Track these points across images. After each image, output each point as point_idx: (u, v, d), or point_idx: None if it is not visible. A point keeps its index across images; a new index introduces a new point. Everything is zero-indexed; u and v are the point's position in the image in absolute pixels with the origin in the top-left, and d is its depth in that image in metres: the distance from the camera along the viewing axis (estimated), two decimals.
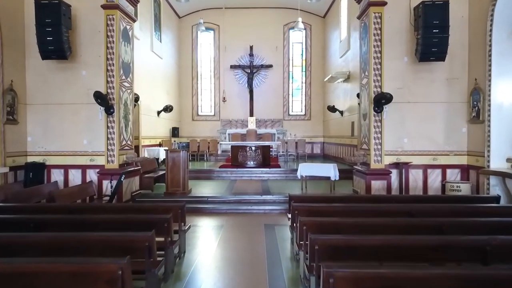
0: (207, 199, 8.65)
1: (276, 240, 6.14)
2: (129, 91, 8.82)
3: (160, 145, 14.04)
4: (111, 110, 8.10)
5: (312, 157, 16.81)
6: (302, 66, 18.25)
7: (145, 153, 12.22)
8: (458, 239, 3.53)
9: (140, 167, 9.23)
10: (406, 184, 8.12)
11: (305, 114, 18.18)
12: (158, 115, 14.00)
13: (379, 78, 8.08)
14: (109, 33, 8.08)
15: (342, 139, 13.97)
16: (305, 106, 18.22)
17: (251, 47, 17.35)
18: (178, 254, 5.16)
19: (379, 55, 8.08)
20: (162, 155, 12.62)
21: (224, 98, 17.79)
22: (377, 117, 8.10)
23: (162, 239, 4.28)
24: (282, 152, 13.19)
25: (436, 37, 7.32)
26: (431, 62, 7.93)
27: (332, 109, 14.29)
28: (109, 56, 8.12)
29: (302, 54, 18.24)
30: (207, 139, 16.69)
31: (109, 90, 8.15)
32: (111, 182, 7.62)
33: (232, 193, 9.08)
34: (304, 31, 17.99)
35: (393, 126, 8.13)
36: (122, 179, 7.41)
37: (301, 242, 4.28)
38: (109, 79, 8.14)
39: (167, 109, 14.06)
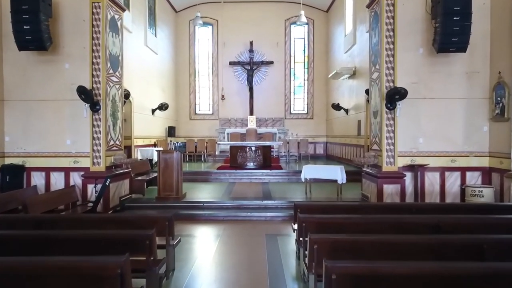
0: (203, 204, 7.91)
1: (280, 254, 5.39)
2: (117, 86, 8.08)
3: (155, 145, 13.30)
4: (97, 107, 7.36)
5: (315, 158, 16.07)
6: (304, 62, 17.50)
7: (138, 154, 11.48)
8: None
9: (130, 170, 8.49)
10: (422, 189, 7.38)
11: (307, 113, 17.44)
12: (152, 114, 13.26)
13: (391, 71, 7.34)
14: (94, 22, 7.35)
15: (348, 139, 13.22)
16: (307, 104, 17.47)
17: (251, 43, 16.61)
18: (166, 273, 4.41)
19: (391, 46, 7.33)
20: (156, 156, 11.85)
21: (222, 96, 17.05)
22: (389, 115, 7.36)
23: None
24: (284, 152, 12.46)
25: (457, 25, 6.57)
26: (450, 54, 7.20)
27: (337, 107, 13.55)
28: (94, 48, 7.39)
29: (304, 50, 17.49)
30: (205, 139, 15.95)
31: (94, 85, 7.42)
32: (95, 187, 6.88)
33: (231, 198, 8.33)
34: (306, 26, 17.25)
35: (407, 125, 7.39)
36: (107, 183, 6.67)
37: (312, 262, 3.54)
38: (94, 72, 7.41)
39: (162, 107, 13.31)
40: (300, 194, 8.83)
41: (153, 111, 13.25)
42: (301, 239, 4.28)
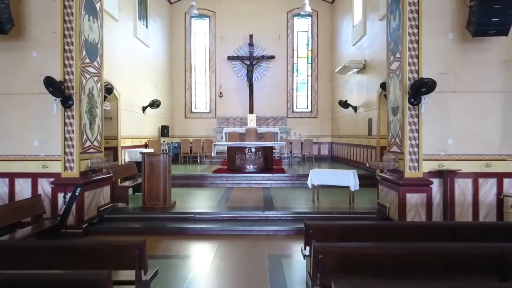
0: (194, 216, 6.81)
1: (285, 283, 4.29)
2: (96, 78, 6.97)
3: (145, 146, 12.19)
4: (70, 102, 6.27)
5: (319, 160, 14.96)
6: (307, 57, 16.38)
7: (125, 156, 10.37)
8: None
9: (111, 175, 7.39)
10: (451, 198, 6.26)
11: (311, 111, 16.32)
12: (143, 112, 12.15)
13: (415, 60, 6.23)
14: (67, 3, 6.27)
15: (356, 139, 12.10)
16: (311, 102, 16.35)
17: (250, 36, 15.50)
18: None
19: (416, 30, 6.23)
20: None
21: (220, 93, 15.94)
22: (413, 111, 6.25)
23: None
24: (287, 154, 11.37)
25: (499, 3, 5.46)
26: (485, 38, 6.11)
27: (344, 104, 12.43)
28: (67, 33, 6.29)
29: (307, 44, 16.37)
30: (201, 139, 14.84)
31: (67, 76, 6.32)
32: (64, 197, 5.77)
33: (227, 208, 7.22)
34: (310, 18, 16.15)
35: (434, 123, 6.28)
36: (77, 193, 5.56)
37: None
38: (67, 62, 6.31)
39: (154, 104, 12.20)
40: (306, 203, 7.72)
41: (144, 108, 12.14)
42: (319, 275, 3.16)
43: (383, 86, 8.23)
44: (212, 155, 11.15)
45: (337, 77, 14.75)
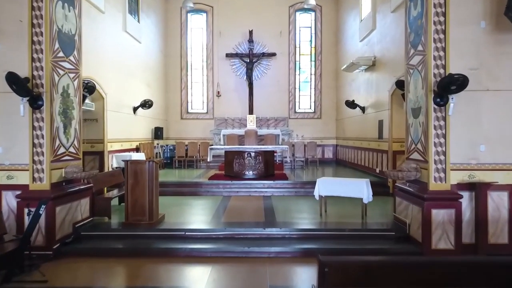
0: (185, 233, 5.90)
1: None
2: (72, 75, 6.08)
3: (137, 149, 11.30)
4: (39, 103, 5.40)
5: (323, 163, 14.05)
6: (311, 54, 15.47)
7: (113, 161, 9.48)
8: None
9: (92, 185, 6.49)
10: (484, 215, 5.35)
11: (314, 112, 15.41)
12: (134, 112, 11.25)
13: (442, 53, 5.34)
14: None
15: (365, 142, 11.20)
16: (314, 101, 15.44)
17: (250, 32, 14.59)
18: None
19: (442, 18, 5.34)
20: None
21: (218, 92, 15.04)
22: (439, 113, 5.36)
23: None
24: (289, 159, 10.46)
25: None
26: None
27: (352, 104, 11.52)
28: (35, 21, 5.41)
29: (311, 41, 15.46)
30: (197, 141, 13.95)
31: (35, 72, 5.44)
32: (29, 214, 4.86)
33: (223, 223, 6.32)
34: (313, 13, 15.25)
35: (463, 127, 5.38)
36: (41, 211, 4.65)
37: None
38: (35, 55, 5.43)
39: (146, 104, 11.29)
40: (313, 216, 6.83)
41: (135, 109, 11.24)
42: None
43: (400, 84, 7.34)
44: (208, 160, 10.24)
45: (343, 75, 13.84)
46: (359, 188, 6.54)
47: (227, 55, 14.81)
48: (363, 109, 11.26)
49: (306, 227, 6.17)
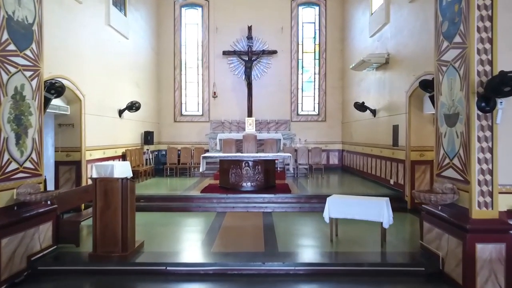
0: (166, 268, 4.79)
1: None
2: (29, 73, 4.98)
3: (123, 157, 10.19)
4: None
5: (328, 170, 12.92)
6: (314, 52, 14.34)
7: (92, 172, 8.31)
8: None
9: (55, 206, 5.38)
10: None
11: (318, 114, 14.28)
12: (120, 116, 10.13)
13: (488, 46, 4.25)
14: None
15: (376, 149, 10.07)
16: (318, 103, 14.31)
17: (249, 28, 13.48)
18: None
19: (488, 1, 4.23)
20: (120, 173, 8.72)
21: (214, 93, 13.91)
22: (484, 121, 4.25)
23: None
24: (292, 168, 9.34)
25: None
26: None
27: (361, 107, 10.39)
28: None
29: (314, 37, 14.33)
30: (191, 147, 12.84)
31: None
32: None
33: (213, 254, 5.20)
34: (317, 7, 14.14)
35: None
36: None
37: None
38: None
39: (133, 106, 10.17)
40: (322, 242, 5.72)
41: (121, 112, 10.12)
42: None
43: (425, 84, 6.21)
44: (201, 170, 9.12)
45: (350, 74, 12.72)
46: (378, 210, 5.43)
47: (224, 53, 13.69)
48: (373, 112, 10.13)
49: (315, 258, 5.08)
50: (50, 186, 7.87)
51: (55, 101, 7.21)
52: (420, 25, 7.50)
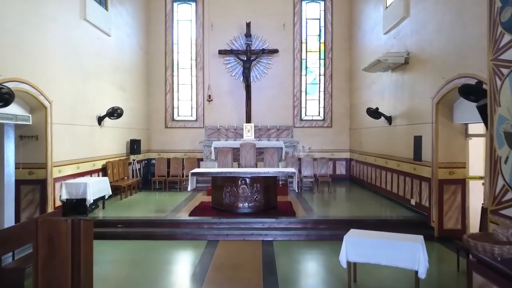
0: None
1: None
2: None
3: (103, 170, 8.94)
4: None
5: (335, 181, 11.63)
6: (319, 51, 13.08)
7: (61, 192, 7.12)
8: None
9: None
10: None
11: (324, 119, 13.02)
12: (100, 123, 8.87)
13: None
14: None
15: (392, 162, 8.81)
16: (324, 107, 13.05)
17: (248, 25, 12.24)
18: None
19: None
20: (96, 191, 7.51)
21: (209, 96, 12.65)
22: None
23: None
24: (297, 186, 8.08)
25: None
26: None
27: (374, 113, 9.12)
28: None
29: (319, 35, 13.07)
30: (184, 155, 11.60)
31: None
32: None
33: None
34: (322, 2, 12.89)
35: None
36: None
37: None
38: None
39: (114, 113, 8.90)
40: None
41: (101, 119, 8.87)
42: None
43: (466, 90, 4.93)
44: (189, 189, 7.84)
45: (359, 76, 11.47)
46: (412, 255, 4.19)
47: (221, 52, 12.43)
48: (389, 119, 8.87)
49: None
50: (10, 209, 6.64)
51: (12, 110, 5.98)
52: (451, 19, 6.25)
